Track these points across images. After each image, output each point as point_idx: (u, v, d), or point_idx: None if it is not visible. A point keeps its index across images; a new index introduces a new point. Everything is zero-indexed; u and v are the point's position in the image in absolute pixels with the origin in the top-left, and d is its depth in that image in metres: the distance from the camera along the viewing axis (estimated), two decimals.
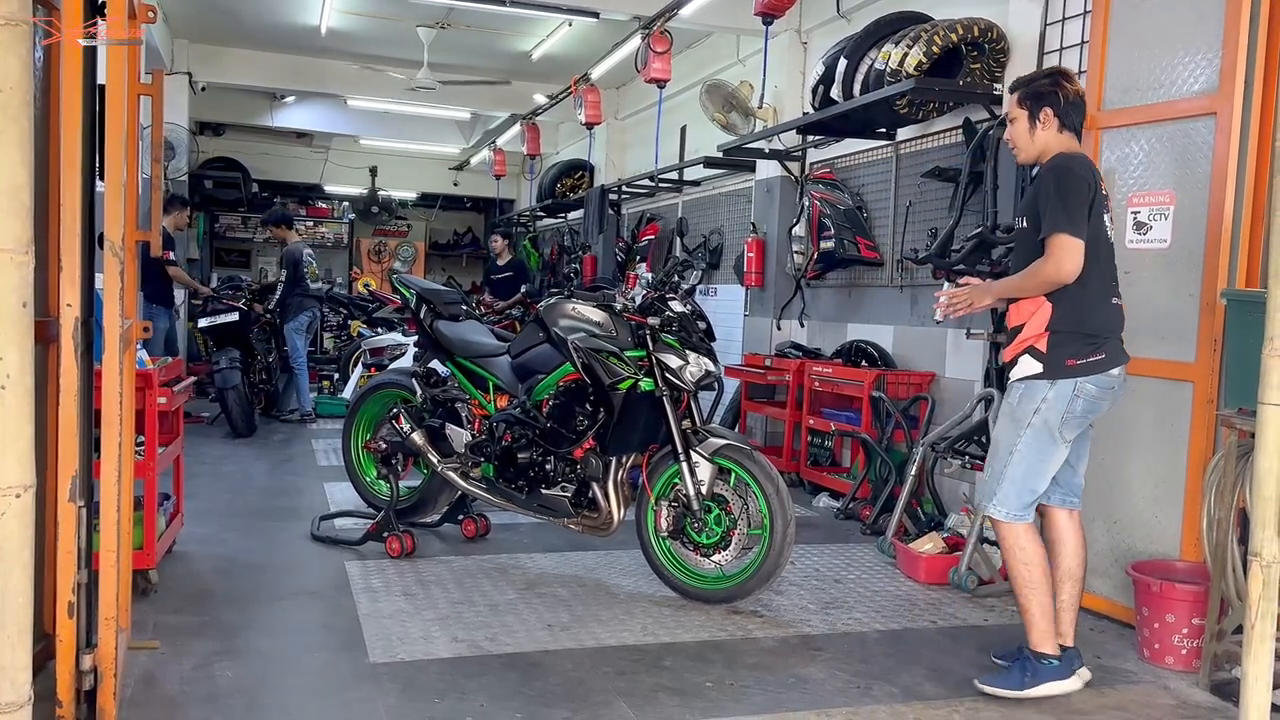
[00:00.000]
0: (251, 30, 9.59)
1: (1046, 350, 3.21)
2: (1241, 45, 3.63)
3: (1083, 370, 3.18)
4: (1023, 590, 3.27)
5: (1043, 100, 3.32)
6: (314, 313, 8.94)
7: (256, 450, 7.44)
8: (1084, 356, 3.18)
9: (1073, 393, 3.19)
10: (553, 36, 8.99)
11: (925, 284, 5.85)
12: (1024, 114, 3.36)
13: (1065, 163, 3.24)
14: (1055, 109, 3.31)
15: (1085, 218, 3.15)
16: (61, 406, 2.52)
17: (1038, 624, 3.25)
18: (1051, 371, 3.20)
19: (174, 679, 3.14)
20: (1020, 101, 3.37)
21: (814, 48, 7.18)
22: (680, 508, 4.07)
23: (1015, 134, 3.40)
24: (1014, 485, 3.27)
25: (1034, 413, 3.22)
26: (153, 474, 3.89)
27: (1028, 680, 3.22)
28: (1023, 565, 3.26)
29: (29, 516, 2.27)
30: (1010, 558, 3.31)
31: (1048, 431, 3.23)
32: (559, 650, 3.51)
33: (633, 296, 4.32)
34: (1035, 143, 3.35)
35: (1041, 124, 3.32)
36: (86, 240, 2.61)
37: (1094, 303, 3.21)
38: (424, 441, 4.71)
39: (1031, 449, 3.25)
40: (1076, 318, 3.20)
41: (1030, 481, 3.27)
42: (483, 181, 14.69)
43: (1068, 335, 3.19)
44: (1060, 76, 3.37)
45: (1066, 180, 3.18)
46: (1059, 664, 3.23)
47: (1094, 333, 3.21)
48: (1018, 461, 3.26)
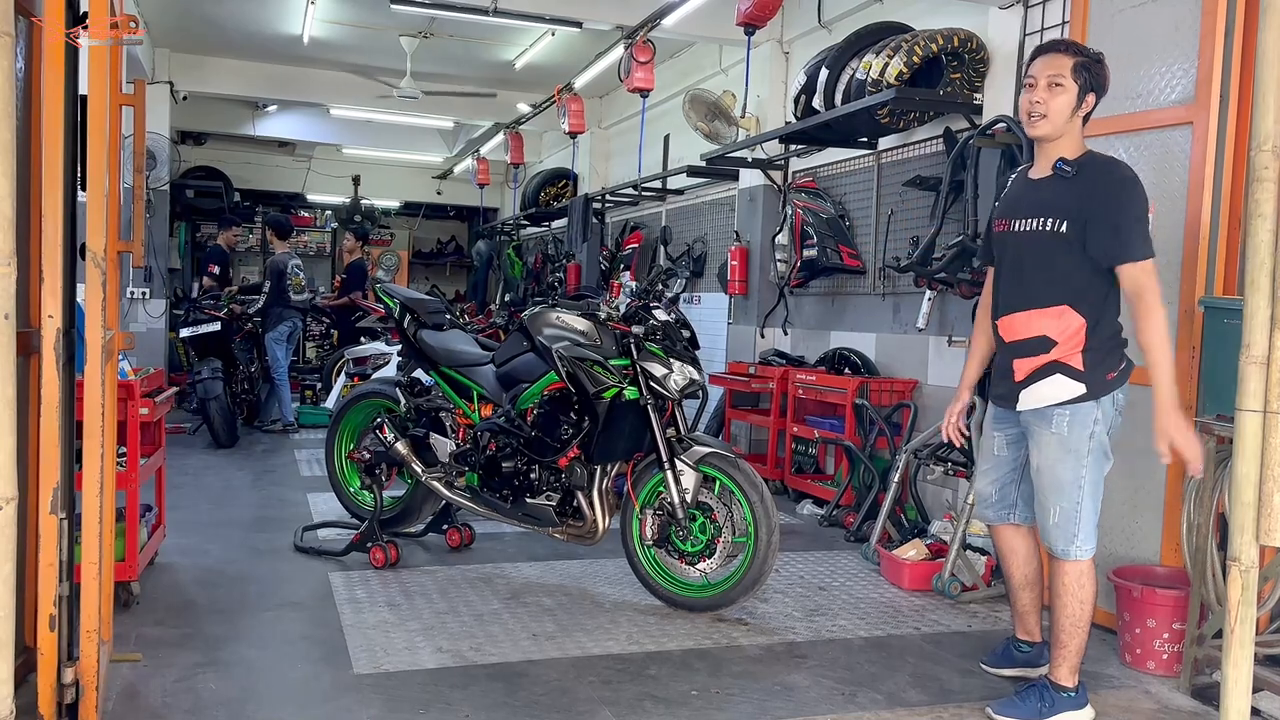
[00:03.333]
0: (233, 39, 9.55)
1: (1085, 368, 3.01)
2: (1217, 56, 3.68)
3: (1119, 381, 3.05)
4: (1069, 628, 3.10)
5: (1096, 85, 3.05)
6: (295, 323, 8.91)
7: (239, 461, 7.40)
8: (1118, 368, 3.05)
9: (1114, 408, 3.05)
10: (536, 46, 9.00)
11: (907, 292, 5.89)
12: (1075, 87, 3.01)
13: (1128, 174, 3.01)
14: (1099, 97, 3.08)
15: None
16: (43, 418, 2.51)
17: (1071, 660, 3.11)
18: (1096, 390, 3.01)
19: (156, 692, 3.12)
20: (1075, 71, 3.01)
21: (796, 58, 7.21)
22: (665, 516, 4.08)
23: (1056, 105, 3.01)
24: (1090, 520, 3.07)
25: (1090, 438, 3.02)
26: (135, 485, 3.87)
27: (1044, 710, 3.10)
28: (1079, 603, 3.09)
29: (11, 529, 2.25)
30: (1069, 595, 3.10)
31: (1103, 453, 3.07)
32: (544, 660, 3.51)
33: (617, 305, 4.33)
34: (1071, 123, 3.04)
35: (1085, 106, 3.05)
36: (68, 251, 2.60)
37: (1115, 313, 3.06)
38: (408, 451, 4.70)
39: (1098, 476, 3.07)
40: (1110, 330, 3.04)
41: (1099, 507, 3.11)
42: (466, 190, 14.67)
43: (1103, 350, 3.03)
44: (1104, 62, 3.09)
45: (1140, 195, 2.97)
46: (1076, 695, 3.13)
47: (1118, 341, 3.09)
48: (1090, 494, 3.06)
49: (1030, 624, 3.49)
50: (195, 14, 8.75)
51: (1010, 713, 3.13)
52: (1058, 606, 3.13)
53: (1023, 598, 3.46)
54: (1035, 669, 3.43)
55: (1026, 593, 3.46)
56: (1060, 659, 3.14)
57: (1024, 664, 3.49)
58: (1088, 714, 3.14)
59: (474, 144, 12.71)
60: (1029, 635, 3.51)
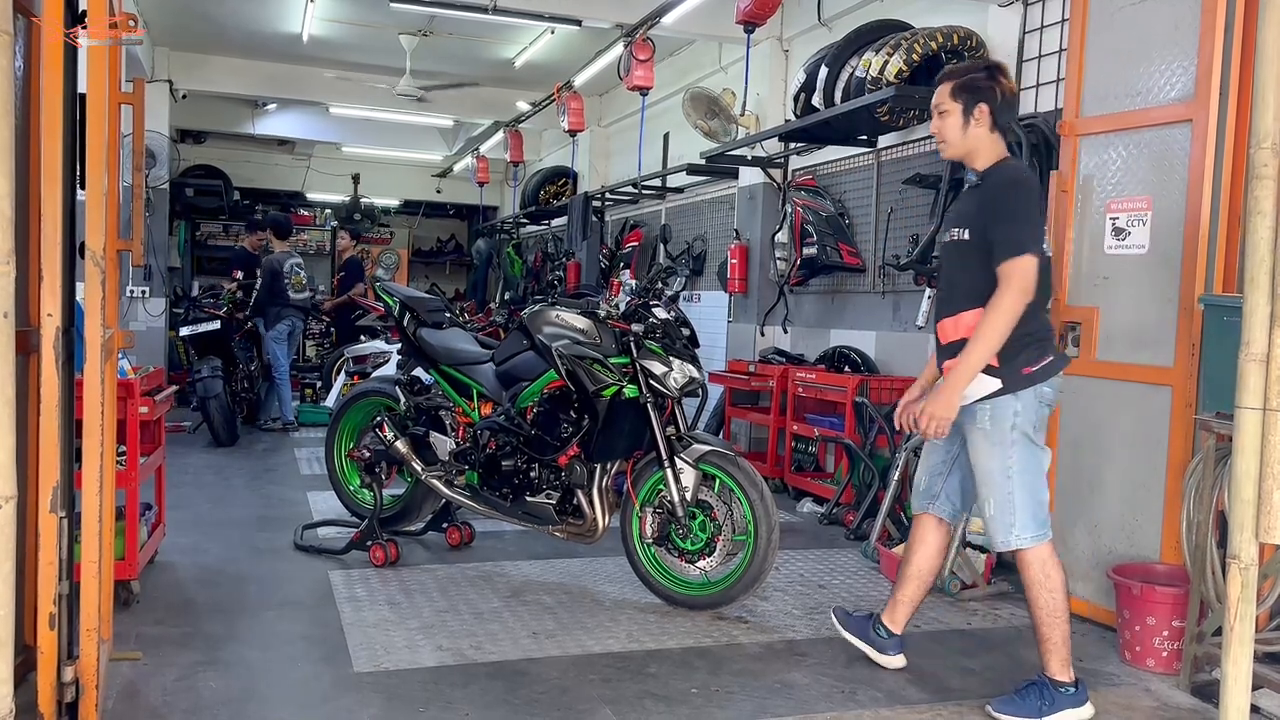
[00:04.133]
0: (233, 38, 9.55)
1: (1000, 364, 3.12)
2: (1217, 53, 3.68)
3: (1039, 375, 3.15)
4: (1047, 619, 3.14)
5: (979, 96, 3.19)
6: (293, 322, 8.89)
7: (239, 459, 7.40)
8: (1037, 362, 3.14)
9: (1036, 400, 3.16)
10: (535, 44, 9.00)
11: (907, 290, 5.89)
12: (958, 108, 3.21)
13: (1018, 176, 3.19)
14: (991, 106, 3.19)
15: (1043, 235, 3.13)
16: (43, 417, 2.51)
17: (1059, 652, 3.14)
18: (1012, 384, 3.13)
19: (157, 690, 3.12)
20: (953, 95, 3.22)
21: (795, 56, 7.21)
22: (665, 514, 4.08)
23: (946, 128, 3.25)
24: (1026, 507, 3.15)
25: (1010, 429, 3.14)
26: (134, 484, 3.87)
27: (1044, 708, 3.11)
28: (1048, 593, 3.14)
29: (10, 528, 2.25)
30: (1037, 587, 3.15)
31: (1029, 442, 3.17)
32: (544, 658, 3.51)
33: (616, 303, 4.33)
34: (967, 140, 3.22)
35: (976, 121, 3.20)
36: (67, 249, 2.60)
37: (1036, 310, 3.15)
38: (408, 449, 4.70)
39: (1024, 465, 3.16)
40: (1022, 328, 3.10)
41: (1036, 494, 3.18)
42: (466, 189, 14.67)
43: (1017, 345, 3.12)
44: (997, 72, 3.24)
45: (1026, 196, 3.12)
46: (1075, 691, 3.14)
47: (1041, 338, 3.18)
48: (1021, 483, 3.15)
49: (899, 615, 3.52)
50: (195, 12, 8.75)
51: (1010, 711, 3.13)
52: (1030, 601, 3.17)
53: (908, 588, 3.50)
54: (879, 655, 3.50)
55: (913, 584, 3.49)
56: (1048, 652, 3.16)
57: (875, 647, 3.52)
58: (1087, 711, 3.14)
59: (474, 142, 12.71)
60: (893, 624, 3.52)
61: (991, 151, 3.22)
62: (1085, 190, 4.19)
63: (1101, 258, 4.12)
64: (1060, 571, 3.17)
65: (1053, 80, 4.73)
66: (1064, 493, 4.25)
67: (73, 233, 2.71)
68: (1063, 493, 4.25)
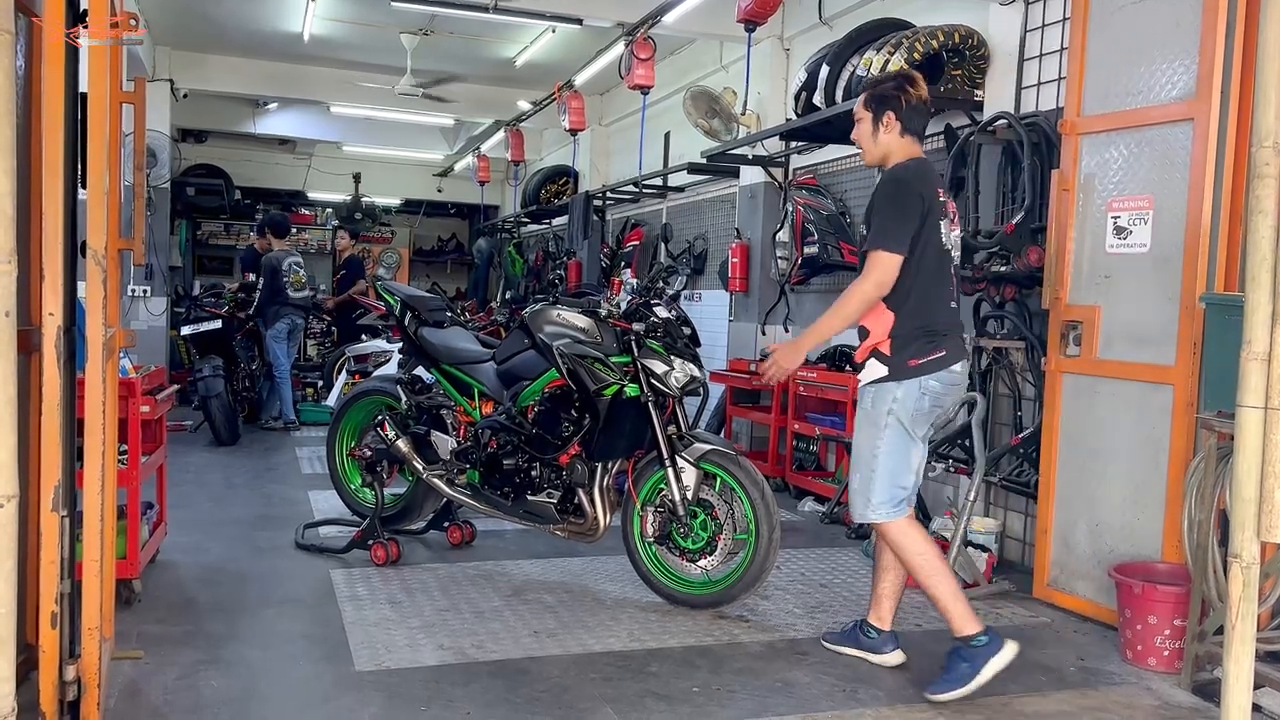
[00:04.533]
0: (234, 37, 9.55)
1: (890, 353, 3.32)
2: (1218, 52, 3.68)
3: (925, 369, 3.30)
4: (927, 580, 3.34)
5: (886, 104, 3.42)
6: (293, 320, 8.87)
7: (240, 458, 7.40)
8: (925, 355, 3.30)
9: (919, 391, 3.31)
10: (536, 43, 9.00)
11: None
12: (868, 116, 3.46)
13: (899, 175, 3.38)
14: (898, 114, 3.40)
15: (910, 233, 3.28)
16: (44, 416, 2.51)
17: (954, 607, 3.30)
18: (896, 373, 3.32)
19: (158, 689, 3.12)
20: (865, 104, 3.47)
21: (796, 54, 7.21)
22: (666, 513, 4.08)
23: (860, 136, 3.51)
24: (883, 485, 3.36)
25: (886, 413, 3.33)
26: (136, 483, 3.87)
27: (971, 669, 3.22)
28: (918, 556, 3.35)
29: (12, 527, 2.25)
30: (903, 554, 3.38)
31: (902, 430, 3.34)
32: (545, 657, 3.51)
33: (617, 302, 4.33)
34: (878, 146, 3.46)
35: (885, 128, 3.42)
36: (68, 249, 2.60)
37: (930, 306, 3.33)
38: (409, 448, 4.70)
39: (891, 448, 3.35)
40: (914, 322, 3.31)
41: (897, 479, 3.37)
42: (467, 188, 14.66)
43: (907, 338, 3.31)
44: (905, 81, 3.46)
45: (898, 194, 3.32)
46: (988, 639, 3.25)
47: (932, 333, 3.32)
48: (883, 462, 3.36)
49: (884, 610, 3.57)
50: (196, 12, 8.75)
51: (945, 689, 3.24)
52: (907, 568, 3.41)
53: (883, 581, 3.58)
54: (875, 656, 3.53)
55: (888, 576, 3.57)
56: (945, 612, 3.33)
57: (867, 649, 3.57)
58: (1010, 650, 3.25)
59: (474, 141, 12.71)
60: (879, 621, 3.59)
61: (902, 154, 3.43)
62: (1086, 189, 4.18)
63: (1103, 256, 4.11)
64: (918, 529, 3.38)
65: (1054, 79, 4.73)
66: (1066, 491, 4.25)
67: (74, 232, 2.71)
68: (1064, 491, 4.26)
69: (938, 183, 3.40)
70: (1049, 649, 3.78)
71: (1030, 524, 4.74)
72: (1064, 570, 4.25)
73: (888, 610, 3.57)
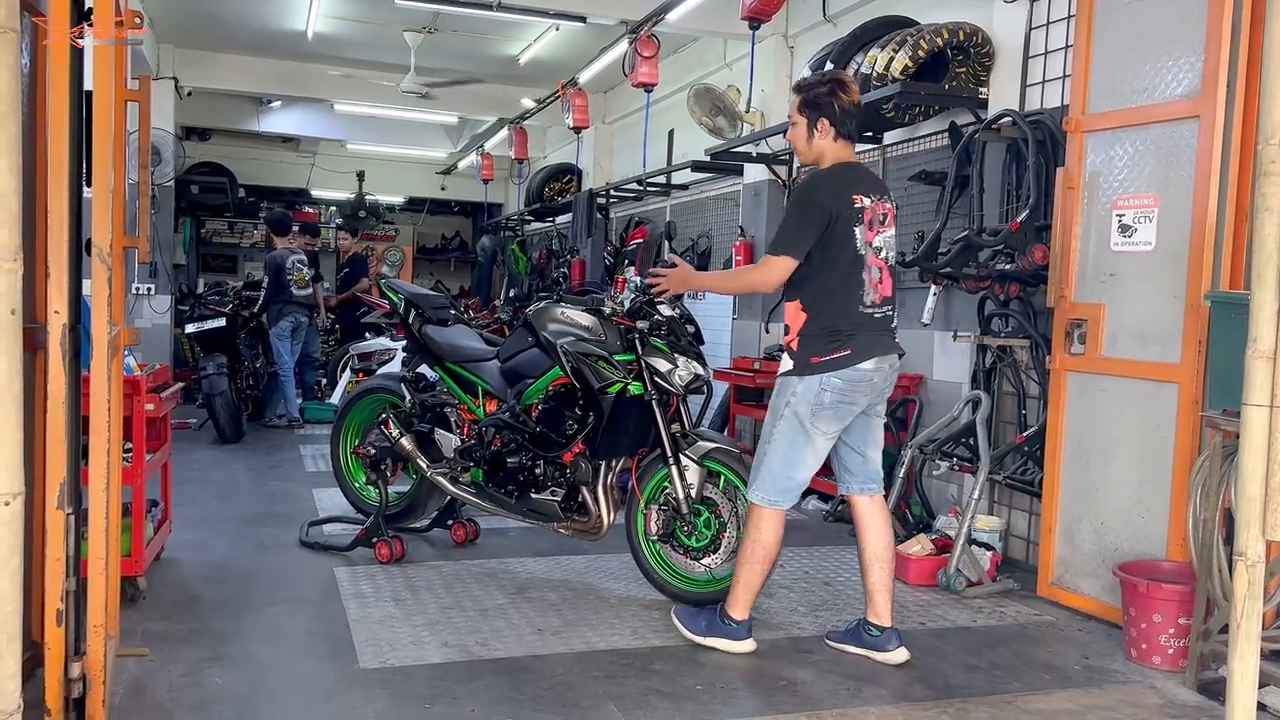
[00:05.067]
0: (237, 35, 9.56)
1: (797, 350, 3.50)
2: (1224, 49, 3.67)
3: (827, 366, 3.43)
4: (743, 563, 3.58)
5: (820, 110, 3.53)
6: (296, 318, 8.87)
7: (244, 456, 7.41)
8: (828, 354, 3.43)
9: (819, 387, 3.43)
10: (540, 41, 8.99)
11: (912, 287, 5.87)
12: (803, 121, 3.58)
13: (809, 183, 3.57)
14: (831, 119, 3.52)
15: (808, 240, 3.43)
16: (50, 413, 2.51)
17: (738, 592, 3.58)
18: (799, 369, 3.48)
19: (163, 686, 3.13)
20: (800, 109, 3.58)
21: (800, 52, 7.20)
22: (670, 511, 4.08)
23: (794, 138, 3.65)
24: (770, 472, 3.52)
25: (785, 405, 3.49)
26: (140, 480, 3.88)
27: (706, 629, 3.60)
28: (752, 543, 3.56)
29: (18, 524, 2.26)
30: (748, 534, 3.59)
31: (798, 423, 3.47)
32: (549, 655, 3.51)
33: (621, 300, 4.33)
34: (812, 149, 3.60)
35: (819, 133, 3.55)
36: (73, 247, 2.60)
37: (837, 307, 3.46)
38: (413, 446, 4.70)
39: (785, 439, 3.50)
40: (820, 322, 3.46)
41: (787, 470, 3.51)
42: (470, 186, 14.65)
43: (813, 336, 3.47)
44: (837, 86, 3.54)
45: (803, 203, 3.50)
46: (737, 627, 3.57)
47: (836, 333, 3.44)
48: (774, 451, 3.52)
49: (879, 605, 3.59)
50: (199, 10, 8.76)
51: (683, 618, 3.69)
52: (743, 545, 3.62)
53: (870, 575, 3.62)
54: (880, 653, 3.55)
55: (874, 570, 3.61)
56: (732, 587, 3.60)
57: (871, 647, 3.59)
58: (742, 647, 3.56)
59: (478, 139, 12.71)
60: (877, 618, 3.59)
61: (834, 158, 3.57)
62: (1091, 187, 4.18)
63: (1108, 255, 4.11)
64: (774, 534, 3.55)
65: (1059, 76, 4.72)
66: (1070, 489, 4.25)
67: (79, 230, 2.71)
68: (1068, 489, 4.25)
69: (859, 187, 3.49)
70: (1053, 647, 3.78)
71: (1034, 522, 4.73)
72: (1068, 569, 4.25)
73: (883, 605, 3.58)
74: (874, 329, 3.51)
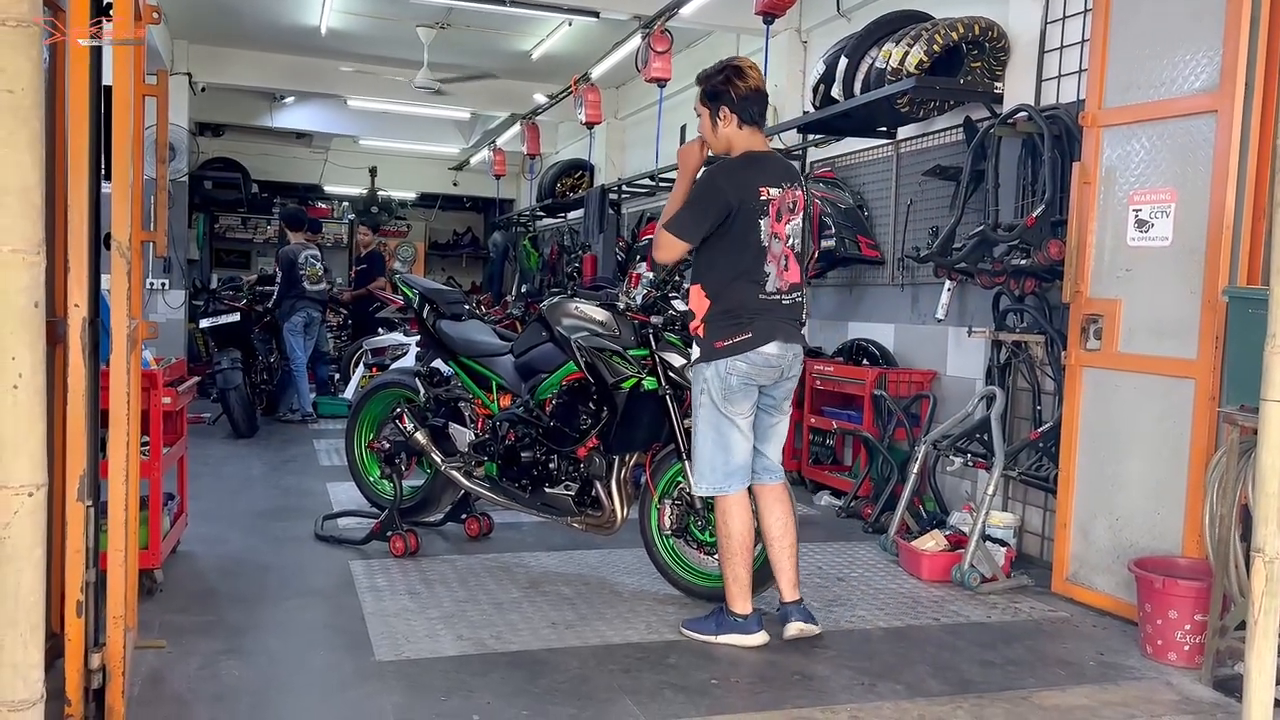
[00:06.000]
0: (251, 31, 9.59)
1: (703, 336, 3.58)
2: (1242, 43, 3.64)
3: (729, 351, 3.51)
4: (722, 559, 3.67)
5: (719, 99, 3.59)
6: (309, 313, 8.89)
7: (258, 450, 7.44)
8: (729, 338, 3.52)
9: (725, 370, 3.53)
10: (553, 36, 9.00)
11: (926, 283, 5.87)
12: (707, 112, 3.64)
13: (712, 172, 3.64)
14: (731, 107, 3.58)
15: (703, 229, 3.52)
16: (69, 406, 2.53)
17: (731, 588, 3.63)
18: (706, 355, 3.57)
19: (181, 678, 3.15)
20: (702, 101, 3.64)
21: (814, 47, 7.19)
22: (684, 506, 4.08)
23: (703, 130, 3.70)
24: (704, 461, 3.61)
25: (701, 392, 3.59)
26: (157, 474, 3.90)
27: (717, 628, 3.62)
28: (723, 538, 3.64)
29: (41, 515, 2.28)
30: (718, 529, 3.67)
31: (714, 407, 3.57)
32: (564, 648, 3.52)
33: (635, 296, 4.33)
34: (720, 139, 3.65)
35: (723, 121, 3.61)
36: (92, 241, 2.62)
37: (737, 293, 3.53)
38: (427, 441, 4.72)
39: (709, 426, 3.59)
40: (721, 307, 3.55)
41: (721, 455, 3.58)
42: (482, 181, 14.69)
43: (715, 322, 3.56)
44: (731, 73, 3.59)
45: (703, 192, 3.57)
46: (744, 621, 3.61)
47: (738, 318, 3.52)
48: (702, 440, 3.62)
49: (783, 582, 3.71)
50: (214, 5, 8.80)
51: (693, 627, 3.67)
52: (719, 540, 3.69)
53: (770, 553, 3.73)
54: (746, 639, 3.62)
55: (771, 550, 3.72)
56: (726, 587, 3.65)
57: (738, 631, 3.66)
58: (754, 640, 3.59)
59: (490, 135, 12.73)
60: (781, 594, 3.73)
61: (744, 144, 3.63)
62: (1108, 182, 4.16)
63: (1124, 250, 4.09)
64: (738, 523, 3.61)
65: (1074, 71, 4.70)
66: (1085, 485, 4.24)
67: (98, 224, 2.73)
68: (1084, 485, 4.24)
69: (764, 179, 3.55)
70: (1068, 643, 3.77)
71: (1049, 518, 4.72)
72: (1083, 565, 4.24)
73: (786, 583, 3.70)
74: (779, 316, 3.60)
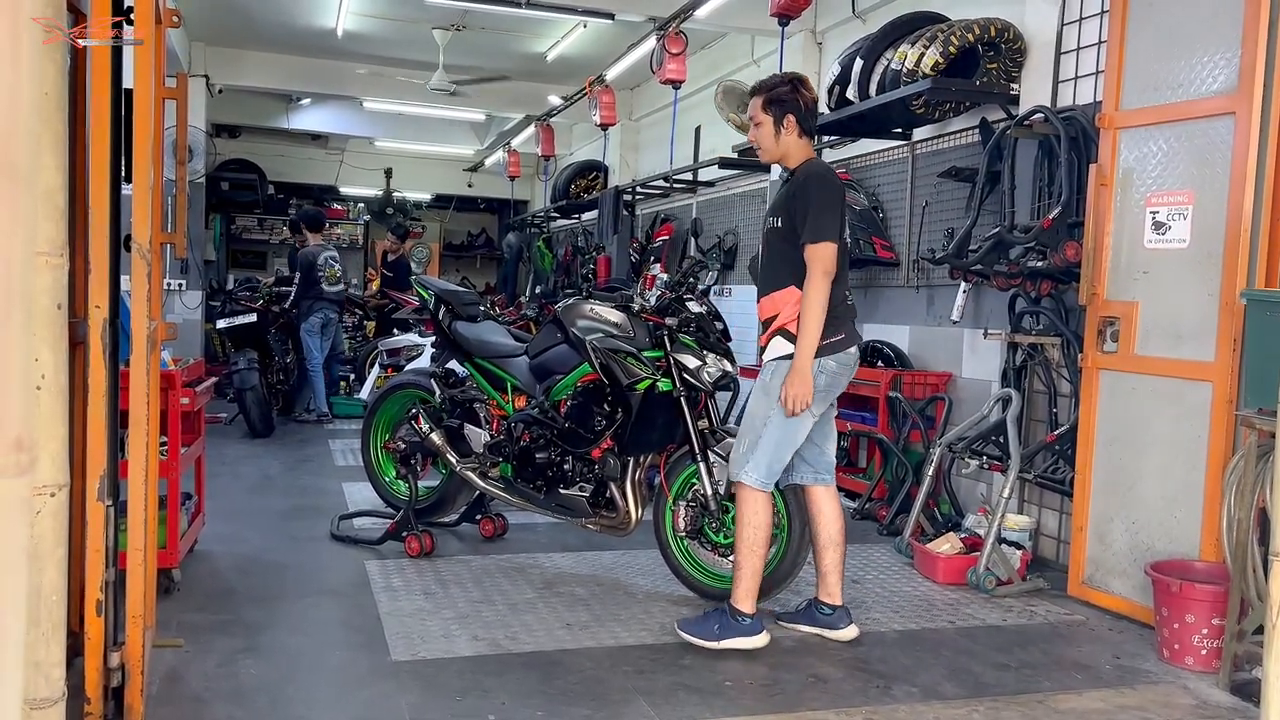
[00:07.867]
0: (267, 33, 9.64)
1: (797, 333, 3.52)
2: (1260, 45, 3.63)
3: (826, 350, 3.52)
4: (743, 550, 3.60)
5: (785, 108, 3.63)
6: (327, 314, 8.93)
7: (275, 451, 7.48)
8: (827, 338, 3.52)
9: (817, 369, 3.52)
10: (568, 38, 9.01)
11: (941, 284, 5.85)
12: (769, 120, 3.66)
13: (825, 172, 3.63)
14: (797, 116, 3.64)
15: (840, 224, 3.54)
16: (90, 407, 2.55)
17: (745, 583, 3.59)
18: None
19: (198, 676, 3.17)
20: (764, 107, 3.66)
21: (829, 48, 7.18)
22: (698, 508, 4.08)
23: (760, 137, 3.71)
24: (765, 455, 3.58)
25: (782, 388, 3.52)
26: (175, 474, 3.92)
27: (719, 632, 3.56)
28: (751, 529, 3.59)
29: (63, 515, 2.30)
30: (742, 520, 3.61)
31: None
32: (578, 649, 3.53)
33: (649, 297, 4.33)
34: (779, 147, 3.69)
35: (786, 130, 3.65)
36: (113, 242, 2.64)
37: (834, 294, 3.53)
38: (442, 441, 4.74)
39: (783, 422, 3.55)
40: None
41: (780, 452, 3.59)
42: (497, 183, 14.72)
43: None
44: (798, 84, 3.66)
45: (829, 190, 3.55)
46: (750, 622, 3.57)
47: (835, 318, 3.54)
48: (771, 432, 3.57)
49: (831, 585, 3.74)
50: (230, 7, 8.84)
51: (692, 630, 3.59)
52: (735, 534, 3.65)
53: (824, 558, 3.75)
54: (833, 630, 3.70)
55: (829, 553, 3.74)
56: (736, 581, 3.62)
57: (823, 625, 3.75)
58: (758, 641, 3.56)
59: (505, 136, 12.75)
60: (830, 597, 3.75)
61: (801, 154, 3.68)
62: (1125, 184, 4.14)
63: (1141, 252, 4.07)
64: (767, 516, 3.60)
65: (1091, 72, 4.68)
66: (1102, 489, 4.22)
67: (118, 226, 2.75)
68: (1101, 489, 4.22)
69: None
70: (1084, 647, 3.76)
71: (1065, 521, 4.70)
72: (1099, 568, 4.22)
73: (834, 585, 3.73)
74: (853, 317, 3.70)
